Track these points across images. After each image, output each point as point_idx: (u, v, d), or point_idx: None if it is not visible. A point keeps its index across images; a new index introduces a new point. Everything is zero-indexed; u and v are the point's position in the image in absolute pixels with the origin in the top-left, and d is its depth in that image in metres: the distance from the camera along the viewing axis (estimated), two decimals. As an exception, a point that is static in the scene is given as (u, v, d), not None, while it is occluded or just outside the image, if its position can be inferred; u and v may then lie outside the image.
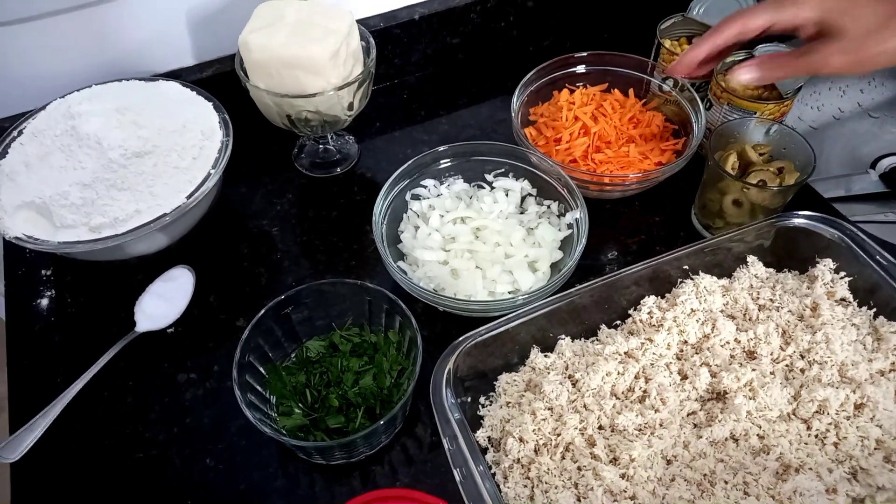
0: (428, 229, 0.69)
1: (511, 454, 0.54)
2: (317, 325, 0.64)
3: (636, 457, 0.52)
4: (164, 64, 0.79)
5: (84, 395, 0.61)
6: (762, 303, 0.61)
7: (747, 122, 0.68)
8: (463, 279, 0.65)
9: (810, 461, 0.52)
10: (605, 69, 0.79)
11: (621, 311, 0.63)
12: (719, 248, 0.64)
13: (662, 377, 0.57)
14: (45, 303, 0.69)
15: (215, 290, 0.70)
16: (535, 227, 0.69)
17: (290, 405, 0.59)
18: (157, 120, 0.67)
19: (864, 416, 0.54)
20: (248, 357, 0.58)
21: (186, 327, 0.68)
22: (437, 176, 0.72)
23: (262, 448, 0.60)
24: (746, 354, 0.59)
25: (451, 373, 0.54)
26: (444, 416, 0.52)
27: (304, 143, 0.83)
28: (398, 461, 0.59)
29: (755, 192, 0.63)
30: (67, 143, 0.63)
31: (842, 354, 0.56)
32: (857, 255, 0.61)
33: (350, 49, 0.69)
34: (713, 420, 0.55)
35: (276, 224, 0.77)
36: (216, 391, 0.63)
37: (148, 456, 0.60)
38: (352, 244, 0.74)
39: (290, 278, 0.71)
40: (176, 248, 0.71)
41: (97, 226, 0.61)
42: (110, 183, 0.62)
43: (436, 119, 0.88)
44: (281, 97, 0.67)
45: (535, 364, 0.59)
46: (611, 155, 0.72)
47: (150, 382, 0.64)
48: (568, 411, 0.55)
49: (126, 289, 0.69)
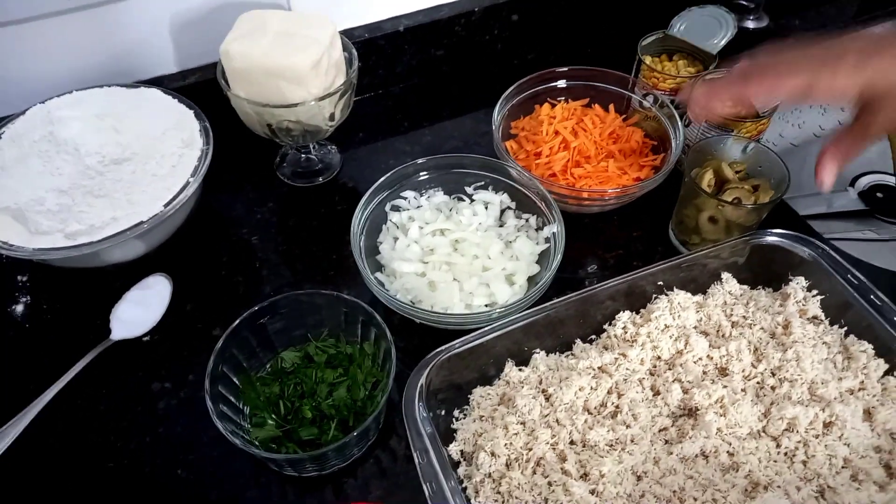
0: (407, 241, 0.69)
1: (482, 468, 0.54)
2: (293, 336, 0.64)
3: (606, 472, 0.52)
4: (146, 70, 0.79)
5: (57, 402, 0.61)
6: (735, 319, 0.62)
7: (724, 140, 0.69)
8: (440, 291, 0.65)
9: (779, 479, 0.52)
10: (586, 84, 0.80)
11: (596, 326, 0.63)
12: (695, 265, 0.64)
13: (635, 393, 0.57)
14: (20, 309, 0.69)
15: (193, 298, 0.70)
16: (514, 241, 0.69)
17: (264, 416, 0.58)
18: (137, 127, 0.67)
19: (832, 435, 0.54)
20: (222, 367, 0.58)
21: (162, 335, 0.67)
22: (417, 188, 0.72)
23: (235, 459, 0.60)
24: (718, 371, 0.59)
25: (423, 387, 0.54)
26: (416, 429, 0.52)
27: (286, 151, 0.83)
28: (371, 474, 0.59)
29: (730, 210, 0.64)
30: (45, 149, 0.63)
31: (812, 373, 0.57)
32: (829, 274, 0.62)
33: (332, 59, 0.69)
34: (684, 436, 0.55)
35: (257, 232, 0.76)
36: (190, 400, 0.63)
37: (119, 465, 0.59)
38: (331, 254, 0.74)
39: (269, 287, 0.71)
40: (154, 255, 0.70)
41: (73, 233, 0.61)
42: (87, 190, 0.62)
43: (419, 130, 0.88)
44: (262, 106, 0.67)
45: (509, 378, 0.60)
46: (590, 170, 0.73)
47: (124, 391, 0.64)
48: (540, 426, 0.55)
49: (103, 296, 0.68)
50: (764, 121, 0.71)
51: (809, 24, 1.02)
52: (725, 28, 0.77)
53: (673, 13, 0.80)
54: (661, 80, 0.76)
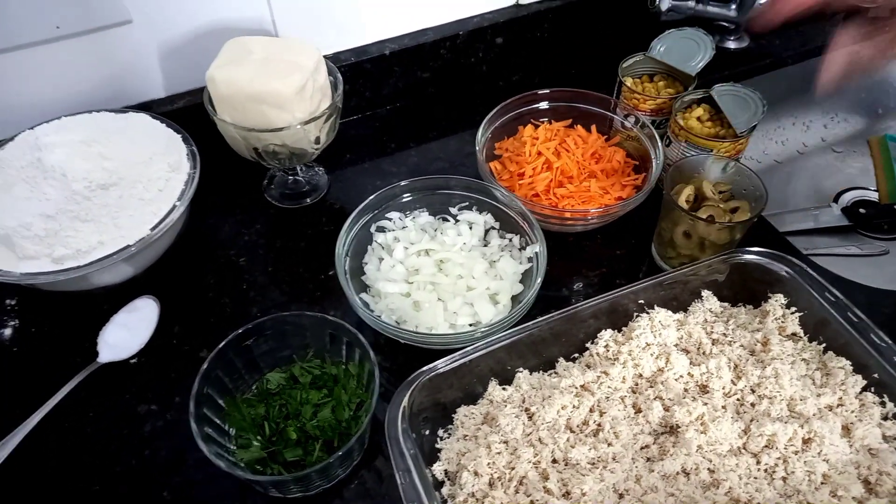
0: (392, 261, 0.70)
1: (466, 488, 0.54)
2: (278, 357, 0.64)
3: (588, 491, 0.52)
4: (135, 95, 0.80)
5: (44, 425, 0.61)
6: (715, 337, 0.63)
7: (705, 159, 0.70)
8: (425, 311, 0.66)
9: (759, 496, 0.53)
10: (568, 105, 0.81)
11: (579, 344, 0.64)
12: (676, 283, 0.65)
13: (616, 410, 0.58)
14: (8, 332, 0.69)
15: (180, 320, 0.71)
16: (497, 260, 0.70)
17: (249, 438, 0.59)
18: (123, 152, 0.68)
19: (811, 451, 0.55)
20: (207, 389, 0.58)
21: (149, 358, 0.68)
22: (402, 209, 0.73)
23: (220, 481, 0.60)
24: (699, 388, 0.60)
25: (406, 408, 0.55)
26: (399, 449, 0.53)
27: (274, 173, 0.84)
28: (356, 494, 0.59)
29: (702, 227, 0.65)
30: (32, 175, 0.64)
31: (790, 389, 0.57)
32: (807, 291, 0.63)
33: (317, 84, 0.70)
34: (665, 454, 0.55)
35: (244, 254, 0.77)
36: (176, 423, 0.63)
37: (106, 487, 0.59)
38: (318, 274, 0.75)
39: (256, 309, 0.72)
40: (142, 278, 0.71)
41: (60, 257, 0.61)
42: (74, 214, 0.63)
43: (405, 151, 0.89)
44: (247, 131, 0.68)
45: (492, 397, 0.60)
46: (573, 189, 0.74)
47: (111, 413, 0.64)
48: (523, 445, 0.56)
49: (90, 319, 0.69)
50: (742, 140, 0.72)
51: (790, 44, 1.04)
52: (704, 50, 0.79)
53: (653, 35, 0.81)
54: (641, 100, 0.77)
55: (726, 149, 0.71)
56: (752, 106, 0.72)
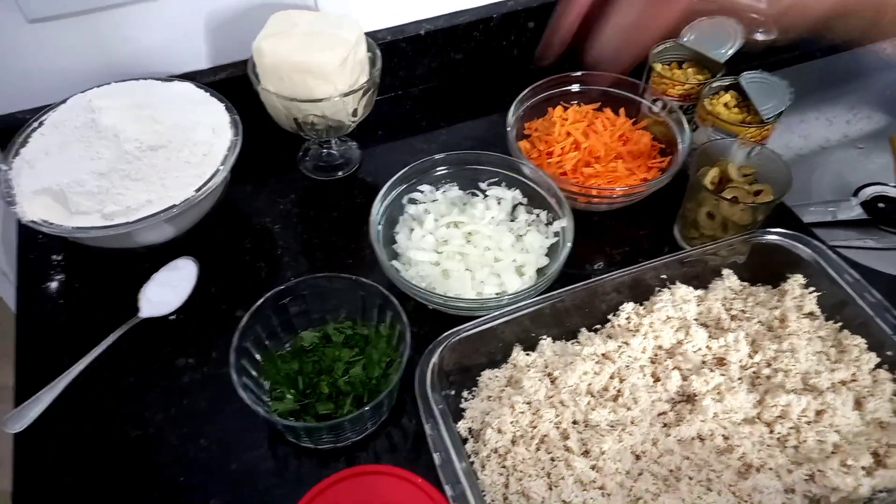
0: (422, 231, 0.72)
1: (489, 444, 0.57)
2: (312, 318, 0.67)
3: (606, 450, 0.55)
4: (179, 66, 0.83)
5: (87, 374, 0.65)
6: (734, 313, 0.65)
7: (731, 143, 0.72)
8: (453, 279, 0.68)
9: (771, 462, 0.55)
10: (598, 89, 0.83)
11: (601, 316, 0.66)
12: (697, 261, 0.67)
13: (636, 378, 0.60)
14: (54, 286, 0.73)
15: (217, 281, 0.74)
16: (524, 234, 0.73)
17: (283, 391, 0.62)
18: (171, 117, 0.71)
19: (823, 422, 0.57)
20: (246, 343, 0.61)
21: (188, 315, 0.71)
22: (433, 182, 0.76)
23: (254, 431, 0.63)
24: (716, 360, 0.62)
25: (436, 364, 0.58)
26: (427, 402, 0.55)
27: (308, 146, 0.87)
28: (382, 448, 0.62)
29: (726, 207, 0.67)
30: (86, 135, 0.67)
31: (805, 364, 0.59)
32: (826, 273, 0.64)
33: (357, 58, 0.73)
34: (681, 420, 0.58)
35: (279, 222, 0.80)
36: (213, 376, 0.66)
37: (145, 434, 0.63)
38: (350, 244, 0.78)
39: (290, 273, 0.75)
40: (182, 239, 0.74)
41: (110, 213, 0.65)
42: (125, 173, 0.66)
43: (436, 130, 0.91)
44: (290, 101, 0.71)
45: (516, 361, 0.63)
46: (599, 169, 0.76)
47: (151, 365, 0.67)
48: (545, 406, 0.58)
49: (132, 276, 0.72)
50: (768, 126, 0.74)
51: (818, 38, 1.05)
52: (734, 38, 0.81)
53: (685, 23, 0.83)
54: (670, 85, 0.79)
55: (752, 134, 0.73)
56: (780, 93, 0.74)
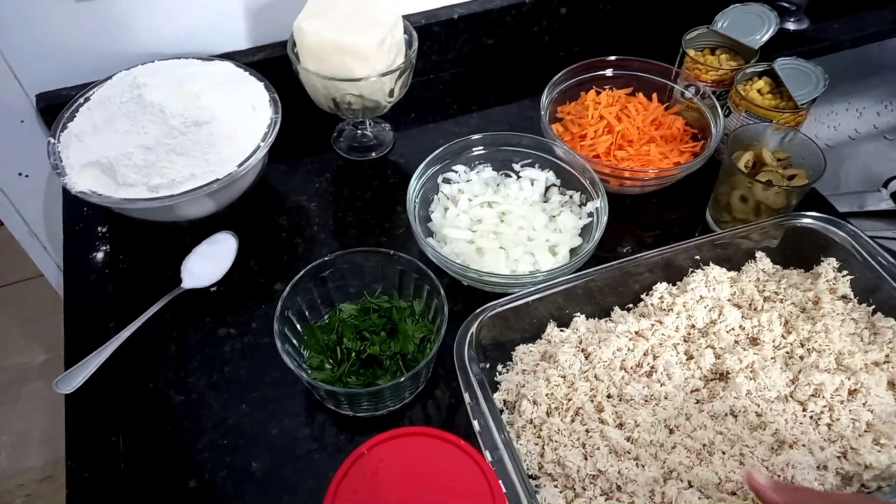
0: (457, 210, 0.74)
1: (525, 415, 0.58)
2: (350, 292, 0.68)
3: (641, 422, 0.56)
4: (219, 47, 0.85)
5: (132, 341, 0.67)
6: (767, 294, 0.65)
7: (765, 128, 0.72)
8: (487, 257, 0.69)
9: (804, 438, 0.56)
10: (631, 74, 0.84)
11: (634, 296, 0.67)
12: (731, 244, 0.68)
13: (669, 355, 0.61)
14: (100, 256, 0.75)
15: (256, 255, 0.76)
16: (557, 215, 0.74)
17: (322, 360, 0.63)
18: (213, 94, 0.73)
19: (857, 402, 0.57)
20: (287, 313, 0.63)
21: (228, 287, 0.73)
22: (467, 163, 0.77)
23: (293, 399, 0.65)
24: (749, 340, 0.63)
25: (473, 335, 0.59)
26: (466, 372, 0.57)
27: (343, 127, 0.88)
28: (418, 418, 0.63)
29: (760, 190, 0.68)
30: (133, 110, 0.69)
31: (839, 344, 0.60)
32: (860, 257, 0.65)
33: (394, 40, 0.74)
34: (714, 397, 0.59)
35: (314, 200, 0.82)
36: (253, 346, 0.68)
37: (189, 399, 0.64)
38: (383, 223, 0.79)
39: (326, 249, 0.76)
40: (222, 214, 0.76)
41: (155, 185, 0.66)
42: (170, 148, 0.67)
43: (468, 114, 0.93)
44: (329, 80, 0.73)
45: (551, 337, 0.64)
46: (632, 153, 0.77)
47: (193, 334, 0.69)
48: (580, 379, 0.59)
49: (174, 249, 0.74)
50: (802, 112, 0.74)
51: (848, 28, 1.05)
52: (768, 25, 0.81)
53: (717, 10, 0.84)
54: (704, 71, 0.80)
55: (786, 120, 0.74)
56: (814, 79, 0.74)
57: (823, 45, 1.02)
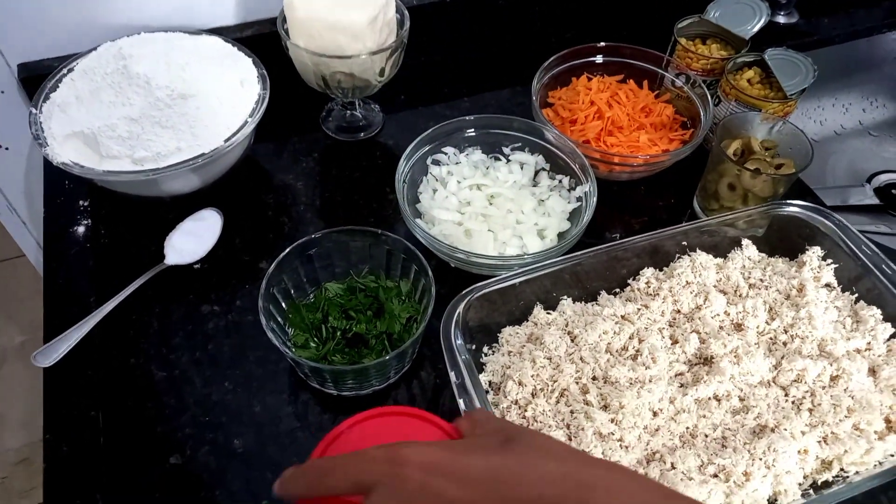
0: (445, 192, 0.73)
1: (510, 396, 0.58)
2: (336, 272, 0.68)
3: (626, 404, 0.56)
4: (206, 22, 0.84)
5: (114, 316, 0.65)
6: (752, 281, 0.66)
7: (754, 117, 0.73)
8: (475, 239, 0.69)
9: (786, 423, 0.56)
10: (622, 61, 0.84)
11: (621, 280, 0.68)
12: (717, 231, 0.68)
13: (655, 339, 0.61)
14: (81, 230, 0.73)
15: (241, 233, 0.75)
16: (546, 199, 0.74)
17: (307, 338, 0.63)
18: (201, 68, 0.71)
19: (838, 387, 0.58)
20: (273, 290, 0.62)
21: (212, 264, 0.72)
22: (457, 145, 0.77)
23: (277, 377, 0.64)
24: (734, 326, 0.63)
25: (460, 315, 0.59)
26: (452, 352, 0.56)
27: (332, 107, 0.88)
28: (402, 399, 0.63)
29: (747, 178, 0.68)
30: (118, 81, 0.68)
31: (822, 331, 0.61)
32: (844, 246, 0.65)
33: (386, 18, 0.73)
34: (699, 381, 0.59)
35: (301, 179, 0.81)
36: (237, 324, 0.67)
37: (171, 375, 0.64)
38: (371, 203, 0.79)
39: (312, 228, 0.75)
40: (207, 191, 0.75)
41: (140, 158, 0.65)
42: (155, 120, 0.66)
43: (459, 98, 0.92)
44: (319, 57, 0.72)
45: (537, 319, 0.64)
46: (622, 139, 0.77)
47: (176, 311, 0.68)
48: (565, 361, 0.59)
49: (157, 225, 0.73)
50: (791, 102, 0.74)
51: (838, 23, 1.06)
52: (759, 15, 0.81)
53: (709, 0, 0.84)
54: (694, 59, 0.80)
55: (775, 110, 0.74)
56: (803, 70, 0.74)
57: (812, 39, 1.03)
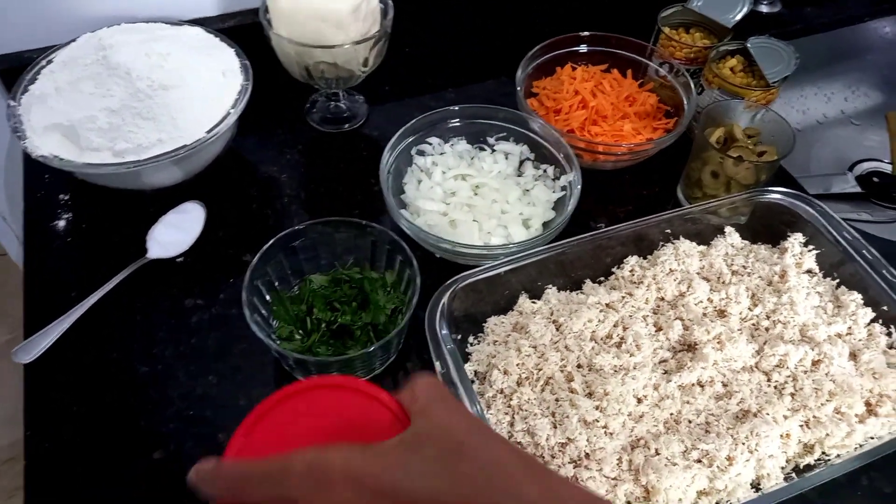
0: (430, 183, 0.73)
1: (495, 385, 0.58)
2: (321, 264, 0.67)
3: (610, 391, 0.56)
4: (188, 12, 0.83)
5: (96, 311, 0.65)
6: (735, 268, 0.66)
7: (737, 105, 0.73)
8: (460, 229, 0.69)
9: (768, 407, 0.57)
10: (606, 50, 0.84)
11: (605, 269, 0.68)
12: (700, 219, 0.69)
13: (639, 327, 0.61)
14: (62, 224, 0.73)
15: (224, 226, 0.74)
16: (531, 189, 0.74)
17: (292, 331, 0.63)
18: (182, 58, 0.71)
19: (819, 372, 0.59)
20: (257, 282, 0.62)
21: (195, 258, 0.71)
22: (442, 135, 0.76)
23: (262, 370, 0.64)
24: (717, 312, 0.64)
25: (445, 305, 0.59)
26: (437, 341, 0.56)
27: (316, 98, 0.87)
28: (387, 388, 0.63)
29: (730, 165, 0.68)
30: (98, 72, 0.67)
31: (804, 316, 0.61)
32: (826, 232, 0.66)
33: (370, 7, 0.73)
34: (682, 367, 0.59)
35: (286, 171, 0.80)
36: (221, 317, 0.67)
37: (154, 369, 0.63)
38: (356, 195, 0.78)
39: (297, 220, 0.75)
40: (189, 184, 0.74)
41: (121, 150, 0.65)
42: (136, 111, 0.66)
43: (443, 89, 0.92)
44: (302, 46, 0.71)
45: (522, 308, 0.64)
46: (606, 128, 0.77)
47: (159, 305, 0.68)
48: (550, 350, 0.60)
49: (139, 218, 0.72)
50: (773, 90, 0.75)
51: (822, 11, 1.06)
52: (741, 4, 0.82)
53: (691, -12, 0.84)
54: (678, 48, 0.80)
55: (757, 98, 0.74)
56: (785, 58, 0.75)
57: (795, 27, 1.04)
